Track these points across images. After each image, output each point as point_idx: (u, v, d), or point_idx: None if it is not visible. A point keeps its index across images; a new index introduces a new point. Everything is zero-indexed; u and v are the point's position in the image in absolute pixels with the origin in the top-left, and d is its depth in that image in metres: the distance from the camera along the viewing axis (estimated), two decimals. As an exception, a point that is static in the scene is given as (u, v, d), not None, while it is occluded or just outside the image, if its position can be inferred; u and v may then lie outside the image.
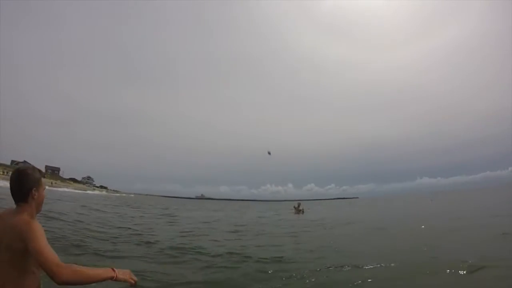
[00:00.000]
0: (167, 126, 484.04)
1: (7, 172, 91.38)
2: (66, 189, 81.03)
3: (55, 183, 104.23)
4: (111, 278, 2.53)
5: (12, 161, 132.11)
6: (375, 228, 16.67)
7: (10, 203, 2.75)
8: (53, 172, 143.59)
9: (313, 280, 6.73)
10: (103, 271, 2.53)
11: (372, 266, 7.59)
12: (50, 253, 2.34)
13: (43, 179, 2.81)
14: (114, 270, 2.55)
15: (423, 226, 15.57)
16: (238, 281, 6.78)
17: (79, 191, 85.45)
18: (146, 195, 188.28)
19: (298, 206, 32.68)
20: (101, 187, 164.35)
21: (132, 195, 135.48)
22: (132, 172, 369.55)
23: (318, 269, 7.53)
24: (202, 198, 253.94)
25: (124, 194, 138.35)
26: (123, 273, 2.61)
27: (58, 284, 2.24)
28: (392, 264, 7.75)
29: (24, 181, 2.68)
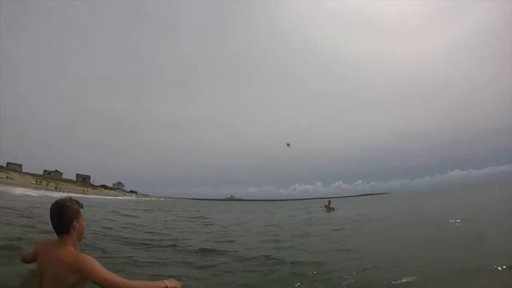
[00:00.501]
0: (192, 130, 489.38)
1: (40, 181, 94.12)
2: (96, 196, 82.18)
3: (87, 190, 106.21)
4: None
5: (45, 171, 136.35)
6: (407, 225, 16.19)
7: (45, 212, 3.13)
8: (84, 180, 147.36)
9: (352, 281, 6.35)
10: (157, 284, 2.88)
11: (410, 265, 7.24)
12: (114, 278, 2.68)
13: (79, 209, 2.97)
14: (164, 282, 2.88)
15: (458, 221, 15.14)
16: (275, 285, 6.42)
17: (110, 197, 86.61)
18: (176, 198, 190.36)
19: (329, 204, 32.05)
20: (131, 192, 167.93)
21: (162, 199, 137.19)
22: (161, 177, 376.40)
23: (356, 270, 7.08)
24: (231, 199, 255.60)
25: (154, 198, 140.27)
26: (175, 283, 2.93)
27: None
28: (431, 262, 7.43)
29: (65, 214, 2.84)
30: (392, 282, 6.03)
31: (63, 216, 2.84)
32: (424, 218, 18.59)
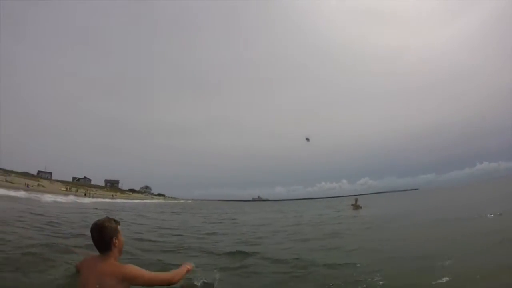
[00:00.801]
0: (216, 132, 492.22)
1: (69, 188, 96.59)
2: (124, 200, 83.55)
3: (115, 195, 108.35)
4: (188, 271, 3.95)
5: (74, 178, 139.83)
6: (440, 219, 15.33)
7: (74, 218, 2.58)
8: (112, 185, 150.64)
9: (389, 282, 5.85)
10: (182, 269, 3.87)
11: (449, 264, 6.67)
12: (156, 275, 3.40)
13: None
14: (185, 265, 3.95)
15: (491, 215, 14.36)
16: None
17: (138, 201, 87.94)
18: (203, 200, 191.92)
19: (356, 202, 31.42)
20: (159, 195, 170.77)
21: (190, 201, 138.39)
22: (189, 179, 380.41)
23: (392, 270, 6.65)
24: (259, 200, 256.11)
25: (182, 201, 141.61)
26: (191, 266, 4.05)
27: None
28: (470, 259, 7.04)
29: (104, 234, 3.26)
30: (433, 283, 5.60)
31: (104, 236, 3.28)
32: (457, 213, 17.67)
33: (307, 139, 14.78)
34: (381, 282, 5.80)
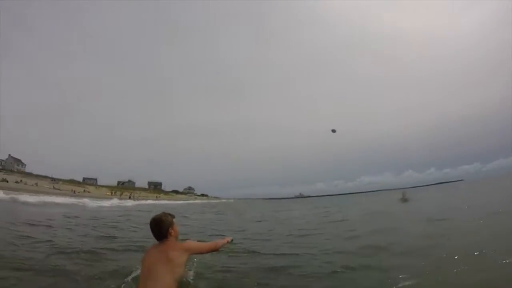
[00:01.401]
0: (257, 133, 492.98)
1: (114, 192, 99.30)
2: (168, 201, 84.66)
3: (159, 196, 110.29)
4: (228, 242, 5.12)
5: (118, 182, 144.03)
6: (497, 212, 13.50)
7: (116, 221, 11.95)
8: (155, 187, 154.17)
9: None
10: (224, 240, 5.06)
11: None
12: (210, 244, 4.73)
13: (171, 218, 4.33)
14: (226, 238, 5.16)
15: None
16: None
17: (181, 202, 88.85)
18: (246, 199, 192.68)
19: (403, 195, 29.66)
20: (202, 195, 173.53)
21: (232, 200, 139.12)
22: (230, 179, 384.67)
23: (468, 270, 5.62)
24: (301, 196, 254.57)
25: (224, 200, 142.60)
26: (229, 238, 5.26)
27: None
28: None
29: (162, 226, 4.12)
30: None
31: (161, 228, 4.08)
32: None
33: (333, 131, 13.30)
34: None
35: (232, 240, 5.44)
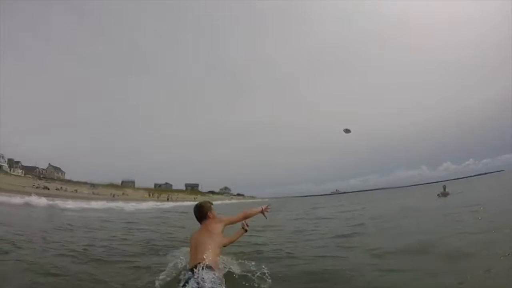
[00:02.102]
0: (289, 131, 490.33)
1: (152, 194, 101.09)
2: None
3: (196, 197, 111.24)
4: (261, 211, 6.14)
5: (156, 184, 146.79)
6: None
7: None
8: (192, 188, 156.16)
9: None
10: (257, 209, 6.12)
11: None
12: (239, 215, 5.73)
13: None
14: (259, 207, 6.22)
15: None
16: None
17: (218, 202, 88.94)
18: (281, 197, 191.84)
19: (444, 189, 27.55)
20: (238, 195, 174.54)
21: (267, 199, 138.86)
22: (265, 178, 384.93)
23: None
24: (337, 193, 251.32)
25: (259, 199, 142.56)
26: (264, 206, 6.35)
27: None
28: None
29: (202, 210, 5.34)
30: None
31: (201, 211, 5.34)
32: None
33: (347, 131, 11.82)
34: None
35: (268, 207, 6.37)
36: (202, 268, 4.28)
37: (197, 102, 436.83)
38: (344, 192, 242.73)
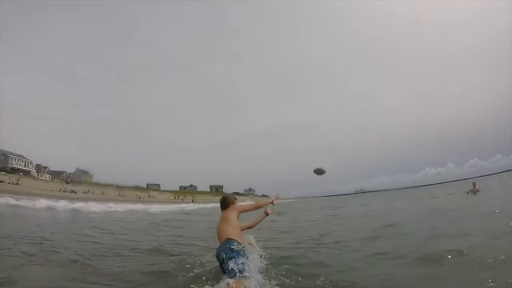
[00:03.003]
0: (313, 132, 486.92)
1: (177, 196, 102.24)
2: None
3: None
4: (272, 202, 6.97)
5: (181, 187, 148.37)
6: None
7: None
8: (217, 190, 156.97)
9: None
10: (270, 199, 7.16)
11: None
12: (253, 204, 6.68)
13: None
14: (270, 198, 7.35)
15: None
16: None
17: (243, 203, 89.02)
18: (305, 197, 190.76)
19: (474, 186, 26.69)
20: (263, 195, 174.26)
21: (291, 200, 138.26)
22: (289, 179, 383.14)
23: None
24: (361, 192, 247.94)
25: (282, 200, 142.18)
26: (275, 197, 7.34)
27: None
28: None
29: (226, 201, 6.11)
30: None
31: (225, 202, 6.08)
32: None
33: (319, 172, 7.87)
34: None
35: (277, 197, 7.44)
36: (227, 241, 5.38)
37: (221, 104, 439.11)
38: (370, 191, 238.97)
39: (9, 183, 61.77)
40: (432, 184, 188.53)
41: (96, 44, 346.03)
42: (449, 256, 6.35)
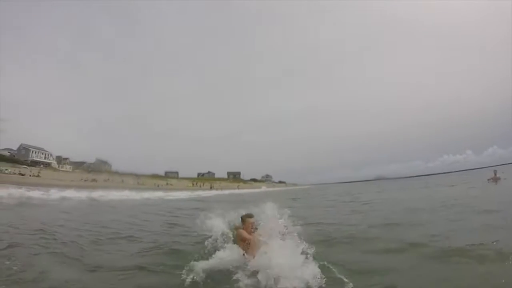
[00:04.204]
0: (330, 118, 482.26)
1: (196, 183, 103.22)
2: (246, 190, 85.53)
3: (239, 185, 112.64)
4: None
5: (199, 174, 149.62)
6: None
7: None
8: (234, 176, 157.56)
9: None
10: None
11: None
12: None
13: None
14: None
15: None
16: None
17: (259, 190, 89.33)
18: (322, 184, 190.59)
19: (495, 174, 27.30)
20: (280, 182, 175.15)
21: (307, 186, 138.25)
22: (307, 166, 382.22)
23: None
24: (379, 179, 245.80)
25: (299, 187, 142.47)
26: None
27: None
28: None
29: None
30: None
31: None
32: None
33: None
34: None
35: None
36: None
37: (236, 92, 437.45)
38: (387, 178, 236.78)
39: (30, 175, 63.10)
40: (449, 172, 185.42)
41: (107, 36, 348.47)
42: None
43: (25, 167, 74.08)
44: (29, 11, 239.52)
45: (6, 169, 63.81)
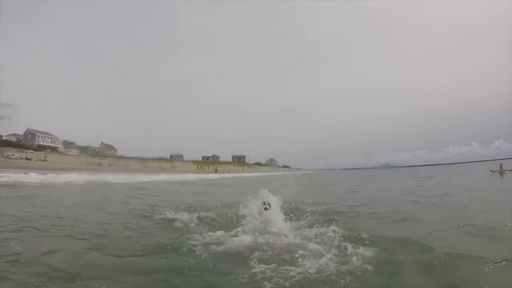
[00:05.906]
0: (336, 103, 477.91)
1: (200, 166, 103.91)
2: (250, 174, 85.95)
3: (243, 169, 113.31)
4: None
5: (203, 157, 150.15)
6: None
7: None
8: (239, 160, 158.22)
9: None
10: None
11: None
12: None
13: None
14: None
15: None
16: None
17: (264, 173, 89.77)
18: (328, 169, 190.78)
19: (501, 167, 27.54)
20: (284, 166, 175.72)
21: (313, 172, 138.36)
22: (312, 151, 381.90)
23: None
24: (386, 166, 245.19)
25: (304, 172, 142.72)
26: None
27: None
28: None
29: None
30: None
31: None
32: None
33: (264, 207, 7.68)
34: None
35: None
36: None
37: (244, 76, 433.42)
38: (394, 166, 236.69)
39: (36, 160, 63.90)
40: (455, 163, 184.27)
41: (116, 20, 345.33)
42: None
43: (32, 152, 74.89)
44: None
45: (12, 154, 64.76)
